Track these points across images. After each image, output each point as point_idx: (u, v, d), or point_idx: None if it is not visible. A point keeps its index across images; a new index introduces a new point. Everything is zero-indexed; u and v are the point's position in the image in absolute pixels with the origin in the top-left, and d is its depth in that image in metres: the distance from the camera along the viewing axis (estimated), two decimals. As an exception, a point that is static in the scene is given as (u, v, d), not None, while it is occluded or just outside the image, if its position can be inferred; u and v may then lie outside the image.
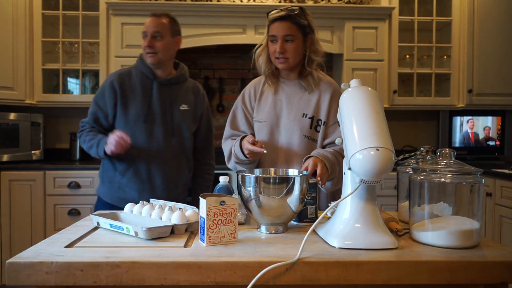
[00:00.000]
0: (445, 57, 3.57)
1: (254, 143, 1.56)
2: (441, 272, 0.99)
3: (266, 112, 1.75)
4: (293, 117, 1.71)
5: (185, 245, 1.10)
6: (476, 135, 3.68)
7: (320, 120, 1.70)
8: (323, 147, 1.71)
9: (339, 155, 1.59)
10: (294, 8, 1.66)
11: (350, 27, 3.34)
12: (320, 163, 1.50)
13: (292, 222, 1.36)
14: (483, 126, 3.68)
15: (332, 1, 3.44)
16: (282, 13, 1.65)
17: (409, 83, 3.58)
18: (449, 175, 1.11)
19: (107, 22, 3.32)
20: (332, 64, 3.77)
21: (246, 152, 1.60)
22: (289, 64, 1.69)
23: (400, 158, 1.36)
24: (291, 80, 1.77)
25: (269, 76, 1.77)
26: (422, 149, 1.39)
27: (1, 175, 2.99)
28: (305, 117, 1.70)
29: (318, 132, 1.70)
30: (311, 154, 1.59)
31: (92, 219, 1.31)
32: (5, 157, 3.17)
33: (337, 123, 1.65)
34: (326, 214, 1.14)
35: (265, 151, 1.56)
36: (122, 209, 1.43)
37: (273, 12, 1.67)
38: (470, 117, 3.66)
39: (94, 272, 0.95)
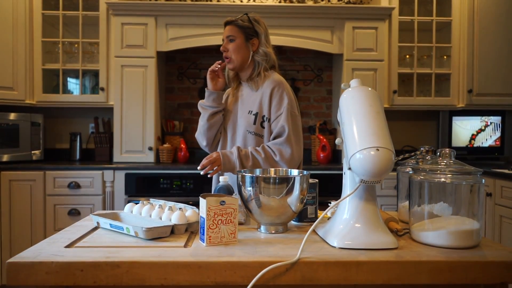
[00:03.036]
0: (445, 57, 3.57)
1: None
2: (441, 272, 0.99)
3: (228, 111, 1.93)
4: (241, 114, 1.87)
5: (185, 245, 1.10)
6: (476, 135, 3.68)
7: (264, 116, 1.82)
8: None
9: (255, 152, 1.75)
10: (242, 15, 1.90)
11: (350, 27, 3.34)
12: (211, 157, 1.72)
13: (292, 222, 1.36)
14: (483, 126, 3.68)
15: (332, 1, 3.45)
16: (227, 19, 1.90)
17: (409, 83, 3.58)
18: (449, 175, 1.11)
19: (107, 22, 3.32)
20: (332, 64, 3.78)
21: (208, 75, 1.89)
22: (233, 63, 1.86)
23: (400, 158, 1.36)
24: (245, 82, 1.93)
25: (232, 79, 1.96)
26: (422, 149, 1.39)
27: (1, 175, 2.99)
28: (250, 113, 1.84)
29: (264, 128, 1.83)
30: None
31: (92, 219, 1.31)
32: (5, 157, 3.17)
33: (278, 117, 1.80)
34: (326, 214, 1.14)
35: (219, 66, 1.87)
36: None
37: None
38: (470, 117, 3.66)
39: (94, 272, 0.95)
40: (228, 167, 1.74)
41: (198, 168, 1.72)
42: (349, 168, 1.08)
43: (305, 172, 1.28)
